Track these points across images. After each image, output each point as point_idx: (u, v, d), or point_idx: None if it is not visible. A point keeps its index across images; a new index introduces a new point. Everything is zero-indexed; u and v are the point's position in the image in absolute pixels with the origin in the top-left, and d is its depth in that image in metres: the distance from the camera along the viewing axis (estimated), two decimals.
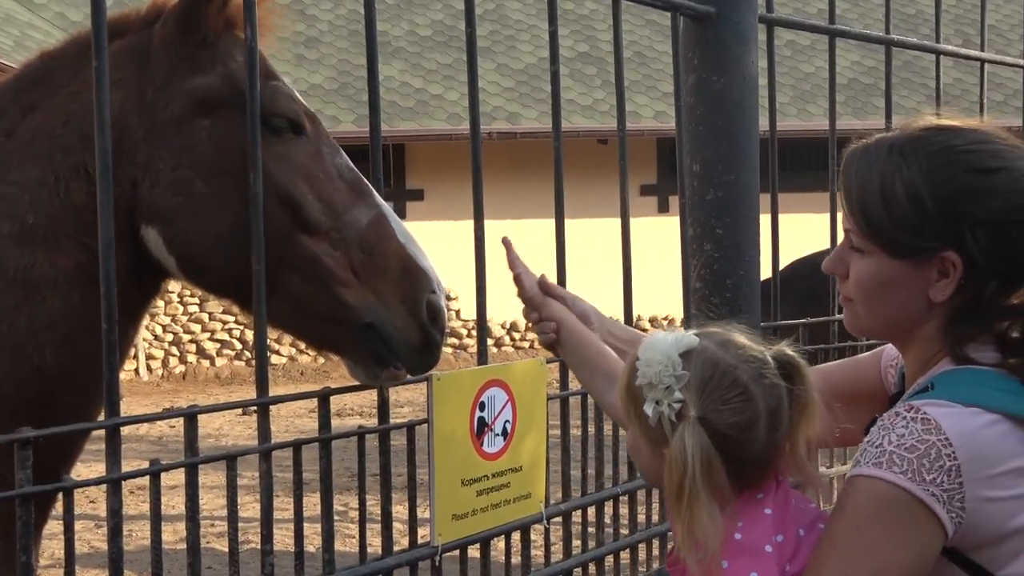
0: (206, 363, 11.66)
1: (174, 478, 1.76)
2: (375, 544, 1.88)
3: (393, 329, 1.67)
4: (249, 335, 11.21)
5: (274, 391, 1.65)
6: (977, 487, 1.13)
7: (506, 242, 1.60)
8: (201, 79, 1.71)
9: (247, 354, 11.63)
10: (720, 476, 1.15)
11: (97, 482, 1.47)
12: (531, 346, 11.54)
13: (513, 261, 1.60)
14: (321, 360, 11.23)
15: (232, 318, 11.37)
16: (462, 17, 2.00)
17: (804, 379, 1.23)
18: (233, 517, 1.59)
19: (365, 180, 1.77)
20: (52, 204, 1.65)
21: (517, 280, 1.55)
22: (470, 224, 1.89)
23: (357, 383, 1.83)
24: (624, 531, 2.31)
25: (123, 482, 1.45)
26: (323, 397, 1.68)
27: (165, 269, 1.74)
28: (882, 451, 1.16)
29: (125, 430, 1.46)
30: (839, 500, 1.23)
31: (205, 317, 11.59)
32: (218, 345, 11.65)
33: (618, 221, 2.22)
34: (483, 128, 2.11)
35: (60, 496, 1.49)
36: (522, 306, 1.60)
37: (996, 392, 1.18)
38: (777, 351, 1.23)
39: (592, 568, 2.21)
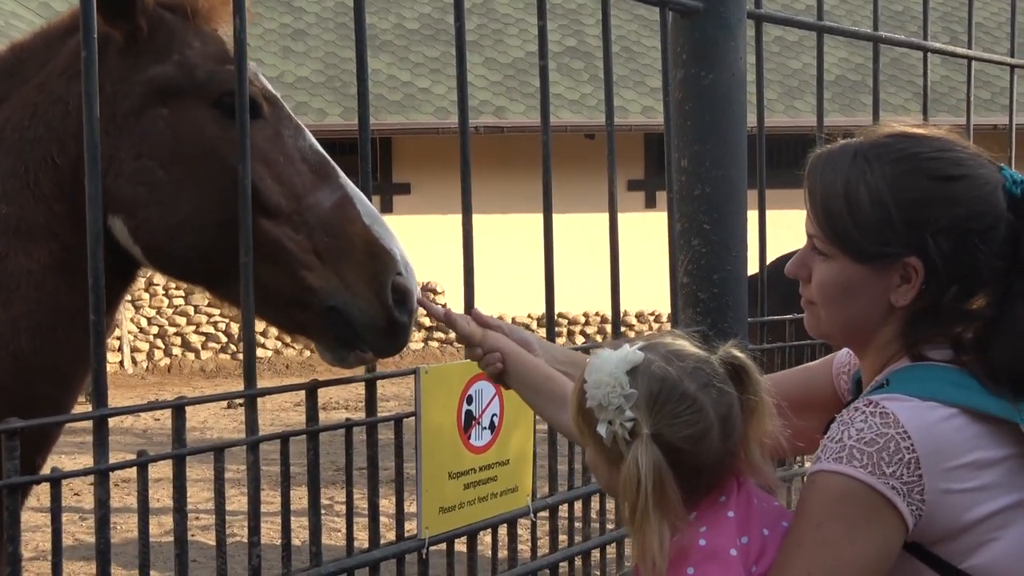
0: (191, 356, 11.72)
1: (158, 471, 1.77)
2: (361, 537, 1.91)
3: (358, 312, 1.68)
4: (234, 328, 11.30)
5: (260, 384, 1.67)
6: (936, 479, 1.16)
7: (421, 301, 1.66)
8: (158, 68, 1.72)
9: (233, 347, 11.67)
10: (672, 494, 1.18)
11: (85, 472, 1.48)
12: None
13: (433, 309, 1.63)
14: (307, 353, 11.26)
15: (217, 311, 11.49)
16: (450, 11, 2.01)
17: (752, 380, 1.25)
18: (221, 509, 1.61)
19: (331, 161, 1.78)
20: (23, 195, 1.68)
21: (449, 321, 1.59)
22: (457, 218, 1.89)
23: (344, 376, 1.86)
24: (610, 525, 2.34)
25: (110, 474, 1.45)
26: (310, 390, 1.69)
27: (130, 255, 1.76)
28: (842, 446, 1.19)
29: (109, 423, 1.47)
30: (801, 497, 1.26)
31: (191, 310, 11.65)
32: (203, 338, 11.75)
33: (606, 216, 2.23)
34: (471, 122, 2.12)
35: (39, 487, 1.52)
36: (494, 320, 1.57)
37: (952, 387, 1.21)
38: (724, 354, 1.25)
39: (578, 562, 2.23)
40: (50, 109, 1.69)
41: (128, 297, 2.03)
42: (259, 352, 11.50)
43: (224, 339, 11.73)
